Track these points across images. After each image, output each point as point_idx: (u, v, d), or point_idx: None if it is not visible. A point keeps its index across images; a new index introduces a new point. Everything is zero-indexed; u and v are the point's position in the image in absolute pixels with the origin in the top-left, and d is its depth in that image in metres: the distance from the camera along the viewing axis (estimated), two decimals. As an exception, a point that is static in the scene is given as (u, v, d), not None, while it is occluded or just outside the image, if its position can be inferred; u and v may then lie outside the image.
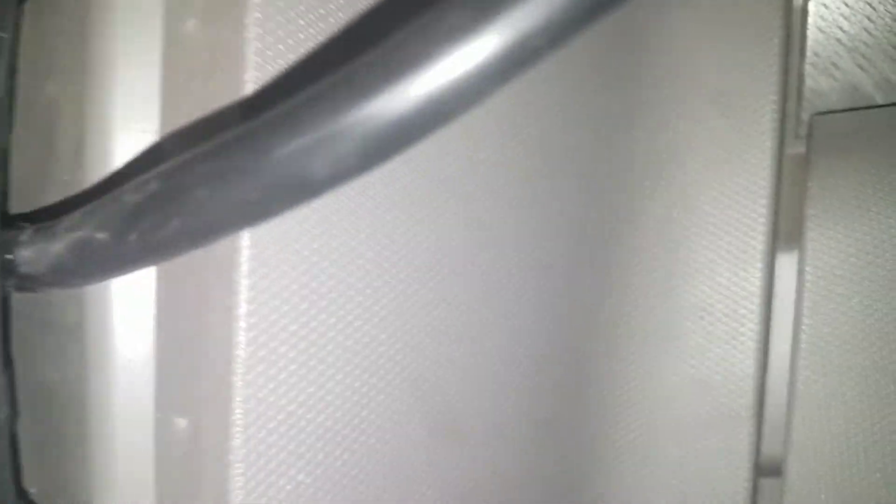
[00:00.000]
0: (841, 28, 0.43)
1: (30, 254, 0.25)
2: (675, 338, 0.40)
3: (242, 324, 0.26)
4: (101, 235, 0.22)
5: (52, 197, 0.30)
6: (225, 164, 0.18)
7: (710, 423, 0.41)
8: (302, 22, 0.26)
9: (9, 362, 0.32)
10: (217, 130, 0.26)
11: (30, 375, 0.33)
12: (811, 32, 0.43)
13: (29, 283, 0.26)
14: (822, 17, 0.43)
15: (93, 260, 0.23)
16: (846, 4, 0.43)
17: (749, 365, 0.41)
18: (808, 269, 0.42)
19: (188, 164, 0.19)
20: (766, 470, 0.44)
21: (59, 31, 0.30)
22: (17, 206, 0.33)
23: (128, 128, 0.28)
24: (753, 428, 0.42)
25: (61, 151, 0.30)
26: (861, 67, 0.43)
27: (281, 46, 0.26)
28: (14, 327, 0.33)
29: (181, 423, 0.29)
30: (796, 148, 0.44)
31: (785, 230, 0.43)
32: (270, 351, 0.27)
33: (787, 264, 0.43)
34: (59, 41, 0.30)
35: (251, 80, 0.25)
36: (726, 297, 0.40)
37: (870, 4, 0.42)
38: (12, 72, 0.31)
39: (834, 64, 0.43)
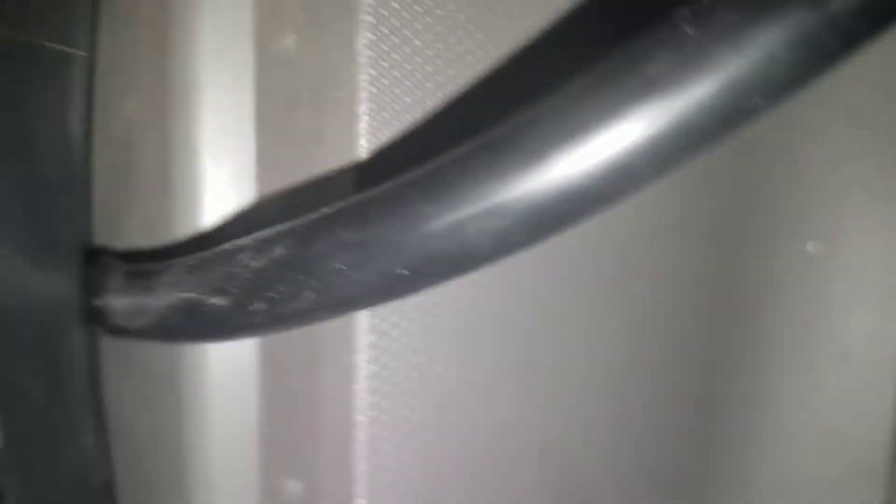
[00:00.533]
0: None
1: (125, 305, 0.23)
2: (813, 386, 0.36)
3: (363, 385, 0.24)
4: (217, 300, 0.20)
5: (135, 229, 0.27)
6: (366, 232, 0.16)
7: (843, 480, 0.38)
8: (418, 42, 0.22)
9: (102, 426, 0.30)
10: (334, 176, 0.23)
11: (121, 418, 0.31)
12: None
13: (121, 334, 0.24)
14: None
15: (207, 324, 0.21)
16: None
17: (889, 418, 0.37)
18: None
19: (320, 227, 0.17)
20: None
21: (136, 42, 0.27)
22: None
23: (218, 160, 0.25)
24: (890, 485, 0.38)
25: (143, 179, 0.27)
26: None
27: (396, 73, 0.22)
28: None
29: (295, 485, 0.27)
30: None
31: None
32: (394, 415, 0.24)
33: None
34: (137, 54, 0.27)
35: (367, 113, 0.22)
36: (867, 342, 0.37)
37: None
38: (91, 93, 0.28)
39: None
